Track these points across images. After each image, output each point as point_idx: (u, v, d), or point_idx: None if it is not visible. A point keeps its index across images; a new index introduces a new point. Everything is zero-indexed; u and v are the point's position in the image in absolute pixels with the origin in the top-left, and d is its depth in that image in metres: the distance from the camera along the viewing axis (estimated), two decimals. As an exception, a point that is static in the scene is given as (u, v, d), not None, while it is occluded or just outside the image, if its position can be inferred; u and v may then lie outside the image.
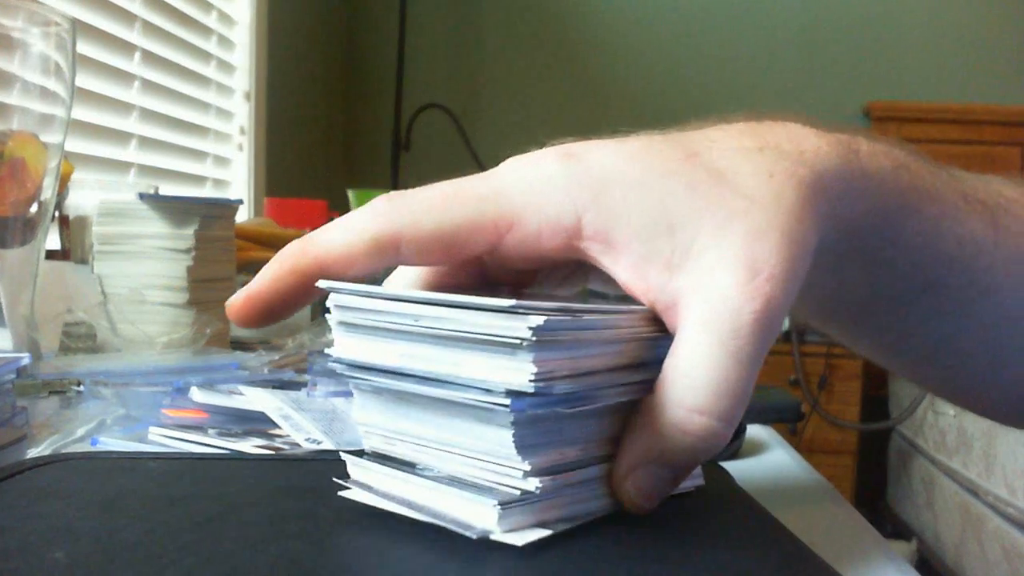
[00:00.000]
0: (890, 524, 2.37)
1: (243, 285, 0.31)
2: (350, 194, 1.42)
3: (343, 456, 0.30)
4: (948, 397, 0.44)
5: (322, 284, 0.28)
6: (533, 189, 0.28)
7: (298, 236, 0.30)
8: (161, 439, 0.45)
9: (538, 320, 0.24)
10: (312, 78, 2.53)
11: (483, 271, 0.33)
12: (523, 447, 0.25)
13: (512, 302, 0.24)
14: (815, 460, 0.51)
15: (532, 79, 2.82)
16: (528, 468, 0.25)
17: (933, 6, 2.79)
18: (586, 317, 0.26)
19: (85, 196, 0.84)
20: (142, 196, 0.73)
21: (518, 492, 0.25)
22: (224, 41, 1.90)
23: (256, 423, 0.47)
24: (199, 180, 1.80)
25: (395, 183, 2.46)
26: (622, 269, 0.28)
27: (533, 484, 0.25)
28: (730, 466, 0.38)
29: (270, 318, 0.30)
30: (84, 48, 1.30)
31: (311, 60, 2.51)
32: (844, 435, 2.37)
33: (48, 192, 0.57)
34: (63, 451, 0.44)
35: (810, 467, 0.50)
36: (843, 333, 0.40)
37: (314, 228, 0.30)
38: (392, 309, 0.27)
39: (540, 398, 0.25)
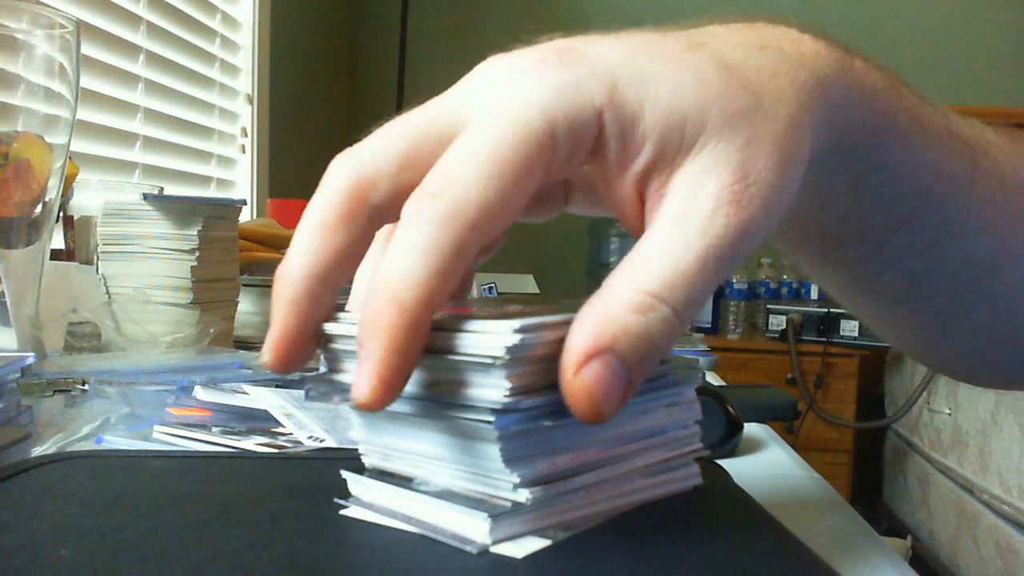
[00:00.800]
0: (885, 521, 2.37)
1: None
2: (353, 195, 1.42)
3: (343, 474, 0.30)
4: (904, 346, 0.44)
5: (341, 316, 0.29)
6: (557, 102, 0.26)
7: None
8: (165, 437, 0.45)
9: (513, 339, 0.24)
10: (315, 80, 2.53)
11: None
12: (511, 460, 0.26)
13: (484, 323, 0.25)
14: (811, 458, 0.51)
15: (535, 80, 2.82)
16: (517, 480, 0.26)
17: (930, 7, 2.79)
18: (567, 328, 0.26)
19: (90, 197, 0.85)
20: (146, 197, 0.74)
21: (510, 504, 0.26)
22: (228, 43, 1.90)
23: (259, 421, 0.47)
24: (203, 181, 1.80)
25: (398, 184, 2.46)
26: (622, 179, 0.26)
27: (524, 496, 0.26)
28: (727, 464, 0.38)
29: (303, 358, 0.28)
30: (89, 50, 1.30)
31: (314, 62, 2.52)
32: (840, 433, 2.37)
33: (53, 193, 0.57)
34: (68, 450, 0.44)
35: (806, 465, 0.50)
36: (811, 263, 0.38)
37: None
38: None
39: (521, 413, 0.25)
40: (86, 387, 0.54)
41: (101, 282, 0.74)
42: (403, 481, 0.29)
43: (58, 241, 0.83)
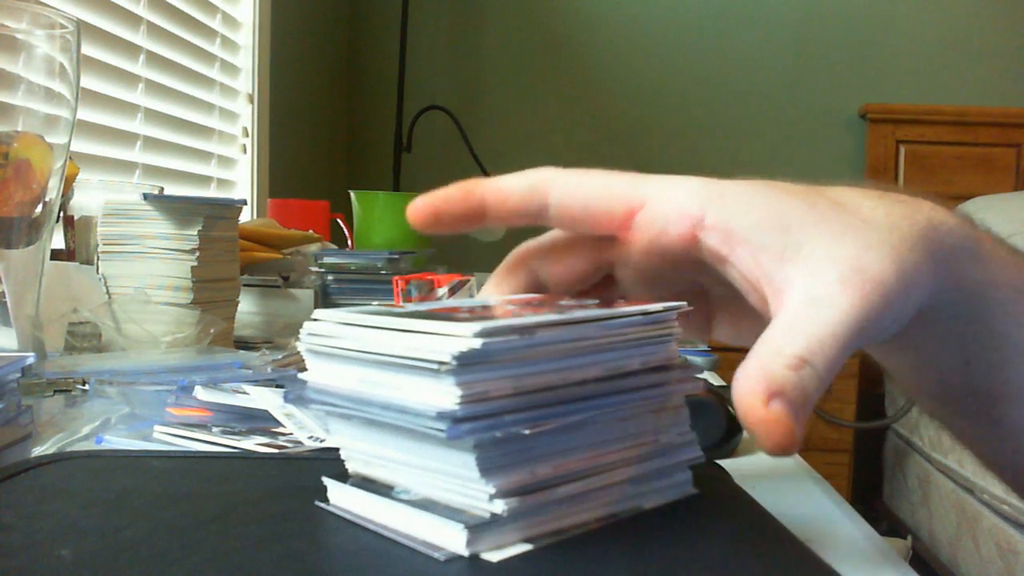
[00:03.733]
0: (886, 521, 2.37)
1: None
2: (352, 195, 1.42)
3: (324, 480, 0.30)
4: None
5: (316, 314, 0.29)
6: (668, 184, 0.32)
7: (301, 237, 0.31)
8: (165, 437, 0.45)
9: (461, 346, 0.24)
10: (315, 80, 2.53)
11: (608, 273, 0.35)
12: (487, 469, 0.25)
13: (449, 325, 0.25)
14: (812, 458, 0.51)
15: (533, 81, 2.82)
16: (493, 491, 0.25)
17: (929, 8, 2.78)
18: (540, 333, 0.26)
19: (90, 196, 0.85)
20: (146, 197, 0.74)
21: (488, 515, 0.25)
22: (228, 43, 1.90)
23: (260, 421, 0.47)
24: (203, 181, 1.80)
25: (397, 184, 2.46)
26: (737, 257, 0.30)
27: (500, 507, 0.25)
28: (727, 464, 0.38)
29: (436, 224, 0.33)
30: (89, 50, 1.30)
31: (314, 62, 2.52)
32: (841, 433, 2.37)
33: (53, 193, 0.57)
34: (68, 450, 0.44)
35: (807, 465, 0.50)
36: (975, 428, 0.38)
37: (316, 229, 0.31)
38: (346, 334, 0.28)
39: (485, 421, 0.25)
40: (86, 387, 0.54)
41: (101, 282, 0.74)
42: (384, 488, 0.28)
43: (58, 241, 0.83)
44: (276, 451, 0.42)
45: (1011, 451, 0.37)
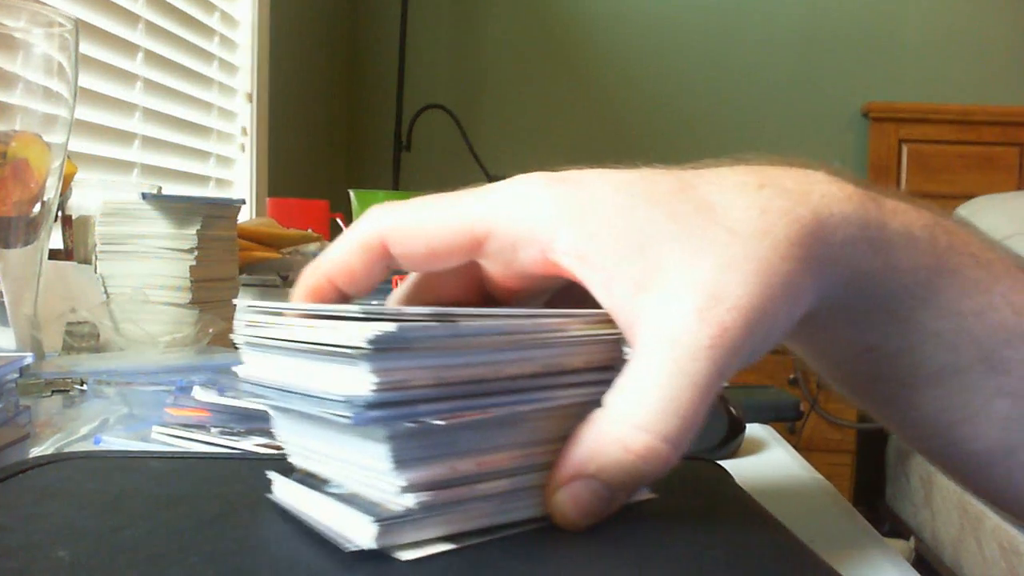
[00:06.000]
0: (888, 522, 2.37)
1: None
2: (352, 194, 1.42)
3: (268, 474, 0.29)
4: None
5: (240, 304, 0.29)
6: (515, 203, 0.29)
7: (300, 236, 0.31)
8: (164, 438, 0.45)
9: (376, 330, 0.23)
10: (314, 79, 2.53)
11: (486, 291, 0.33)
12: (400, 461, 0.24)
13: (361, 309, 0.24)
14: (814, 459, 0.51)
15: (533, 80, 2.82)
16: (404, 484, 0.24)
17: (932, 7, 2.79)
18: (465, 323, 0.25)
19: (88, 196, 0.84)
20: (145, 196, 0.73)
21: (402, 508, 0.25)
22: (226, 42, 1.90)
23: (258, 422, 0.47)
24: (202, 180, 1.80)
25: (396, 183, 2.47)
26: (594, 285, 0.28)
27: (411, 500, 0.24)
28: (729, 465, 0.38)
29: None
30: (87, 48, 1.30)
31: (313, 61, 2.52)
32: (843, 434, 2.36)
33: (51, 192, 0.57)
34: (66, 450, 0.44)
35: (809, 466, 0.50)
36: (886, 411, 0.36)
37: (315, 228, 0.31)
38: (275, 323, 0.27)
39: (397, 409, 0.24)
40: (84, 387, 0.54)
41: (99, 282, 0.73)
42: (320, 483, 0.28)
43: (56, 241, 0.83)
44: (275, 451, 0.42)
45: (928, 436, 0.35)
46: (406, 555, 0.24)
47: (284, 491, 0.29)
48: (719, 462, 0.38)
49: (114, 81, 1.43)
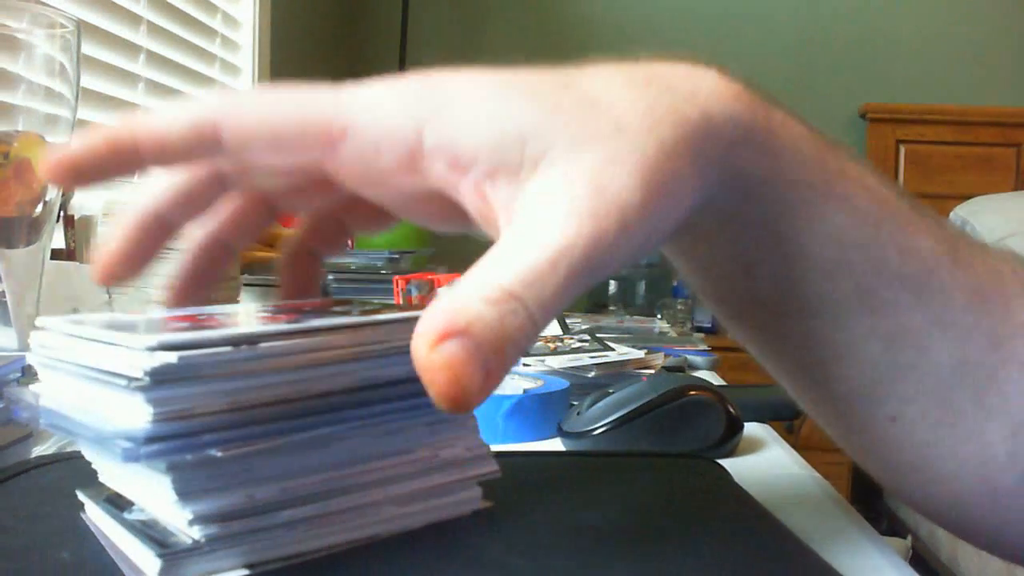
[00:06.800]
0: (886, 521, 2.37)
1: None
2: (353, 194, 1.42)
3: (78, 493, 0.29)
4: (879, 471, 0.36)
5: (39, 322, 0.27)
6: (375, 101, 0.27)
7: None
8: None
9: (155, 361, 0.22)
10: (315, 79, 2.52)
11: (340, 227, 0.33)
12: (184, 494, 0.23)
13: (150, 341, 0.22)
14: (812, 458, 0.51)
15: (535, 79, 2.82)
16: (191, 516, 0.23)
17: (929, 8, 2.79)
18: (266, 346, 0.24)
19: (90, 196, 0.84)
20: (146, 197, 0.74)
21: (190, 541, 0.23)
22: (228, 43, 1.90)
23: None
24: (203, 180, 1.80)
25: (398, 183, 2.47)
26: (466, 188, 0.26)
27: (198, 532, 0.23)
28: (727, 464, 0.38)
29: (77, 180, 0.28)
30: (89, 49, 1.30)
31: (314, 62, 2.52)
32: (844, 434, 2.36)
33: (53, 192, 0.57)
34: (68, 450, 0.44)
35: (807, 465, 0.50)
36: (757, 341, 0.34)
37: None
38: (65, 345, 0.26)
39: (176, 441, 0.22)
40: (86, 387, 0.54)
41: (101, 282, 0.73)
42: (125, 505, 0.27)
43: (59, 241, 0.83)
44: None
45: (795, 371, 0.33)
46: None
47: (93, 513, 0.28)
48: (718, 460, 0.38)
49: (116, 82, 1.43)
